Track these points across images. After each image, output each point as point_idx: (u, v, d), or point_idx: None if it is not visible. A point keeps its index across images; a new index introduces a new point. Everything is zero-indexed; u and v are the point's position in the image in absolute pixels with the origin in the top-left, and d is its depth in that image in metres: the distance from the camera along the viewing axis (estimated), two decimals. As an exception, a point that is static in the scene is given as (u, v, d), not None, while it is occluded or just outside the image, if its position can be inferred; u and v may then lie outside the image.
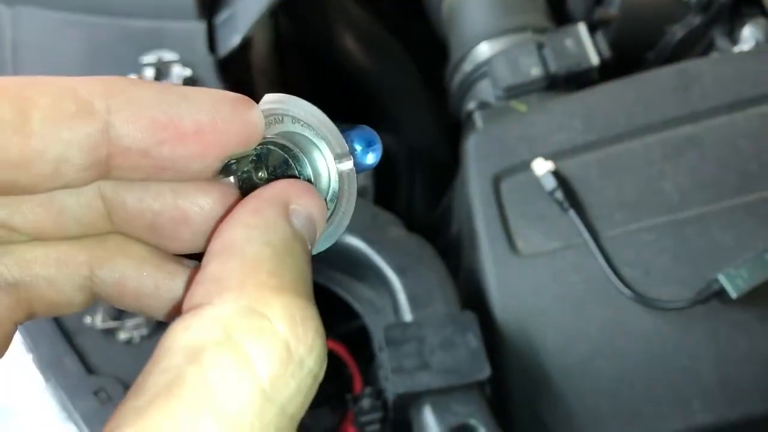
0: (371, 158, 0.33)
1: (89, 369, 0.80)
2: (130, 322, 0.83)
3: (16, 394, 0.80)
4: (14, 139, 0.24)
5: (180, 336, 0.24)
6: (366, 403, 0.82)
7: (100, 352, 0.82)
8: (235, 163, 0.30)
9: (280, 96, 0.32)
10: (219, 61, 0.99)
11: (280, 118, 0.32)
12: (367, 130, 0.34)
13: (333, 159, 0.33)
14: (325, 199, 0.33)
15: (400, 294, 0.85)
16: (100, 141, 0.25)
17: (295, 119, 0.32)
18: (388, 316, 0.90)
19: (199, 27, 1.00)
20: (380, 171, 1.20)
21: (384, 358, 0.78)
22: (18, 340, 0.82)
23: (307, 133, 0.32)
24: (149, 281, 0.31)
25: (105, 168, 0.26)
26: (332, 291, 0.98)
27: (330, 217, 0.33)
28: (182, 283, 0.31)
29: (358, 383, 0.94)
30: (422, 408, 0.76)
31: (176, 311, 0.31)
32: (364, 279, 0.94)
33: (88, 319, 0.83)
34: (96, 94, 0.25)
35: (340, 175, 0.33)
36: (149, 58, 0.96)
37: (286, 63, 1.31)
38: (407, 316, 0.84)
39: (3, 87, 0.24)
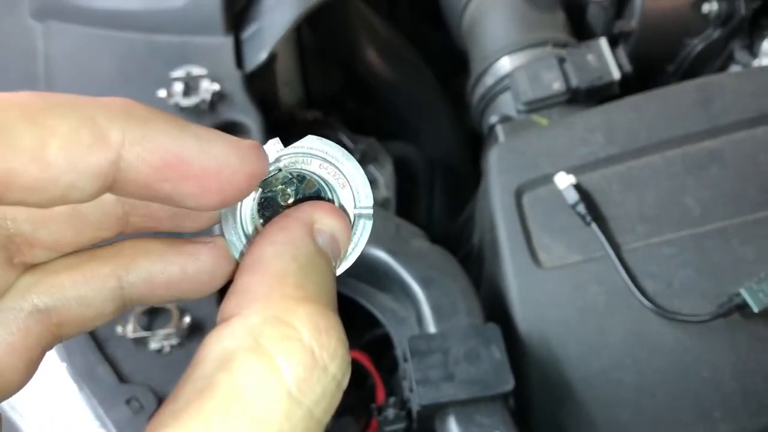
0: None
1: (121, 378, 0.82)
2: (160, 332, 0.85)
3: (51, 402, 0.81)
4: (31, 167, 0.24)
5: (212, 346, 0.26)
6: (390, 413, 0.83)
7: (131, 361, 0.84)
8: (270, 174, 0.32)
9: (321, 142, 0.34)
10: (246, 75, 1.00)
11: (309, 161, 0.34)
12: None
13: (354, 206, 0.35)
14: None
15: (424, 305, 0.87)
16: (109, 171, 0.26)
17: (328, 162, 0.34)
18: (412, 326, 0.92)
19: (227, 42, 1.02)
20: (401, 180, 1.21)
21: (408, 369, 0.79)
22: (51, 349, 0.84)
23: (337, 178, 0.34)
24: (175, 268, 0.32)
25: (108, 189, 0.27)
26: (355, 301, 1.00)
27: None
28: (207, 258, 0.33)
29: (381, 392, 0.95)
30: (447, 419, 0.78)
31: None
32: (387, 290, 0.96)
33: (119, 329, 0.85)
34: (114, 124, 0.26)
35: (356, 222, 0.35)
36: (178, 72, 0.98)
37: (309, 73, 1.33)
38: (431, 327, 0.85)
39: (26, 109, 0.25)
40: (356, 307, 1.00)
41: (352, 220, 0.35)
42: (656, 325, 0.83)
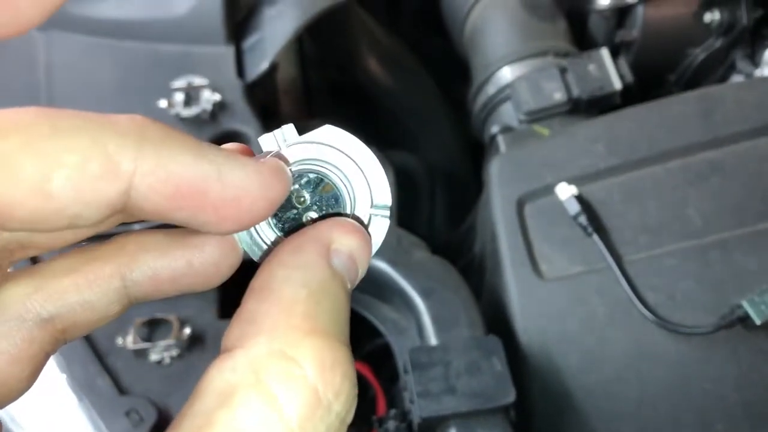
0: None
1: (121, 389, 0.82)
2: (161, 343, 0.84)
3: (51, 414, 0.81)
4: (33, 199, 0.23)
5: (213, 379, 0.25)
6: (391, 425, 0.83)
7: (131, 372, 0.84)
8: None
9: (338, 132, 0.32)
10: (247, 85, 1.00)
11: (325, 151, 0.32)
12: None
13: (370, 205, 0.33)
14: None
15: (425, 317, 0.87)
16: (119, 201, 0.25)
17: (345, 155, 0.33)
18: (412, 337, 0.91)
19: (228, 52, 1.02)
20: (401, 189, 1.21)
21: (409, 381, 0.79)
22: (51, 360, 0.83)
23: (353, 172, 0.33)
24: (180, 262, 0.31)
25: (117, 214, 0.26)
26: (356, 311, 0.99)
27: None
28: (213, 249, 0.31)
29: (381, 403, 0.95)
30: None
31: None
32: (388, 300, 0.96)
33: (119, 340, 0.85)
34: (126, 153, 0.24)
35: (371, 221, 0.33)
36: (179, 82, 0.98)
37: (310, 82, 1.33)
38: (432, 339, 0.85)
39: (30, 135, 0.23)
40: (357, 317, 0.99)
41: (367, 218, 0.33)
42: (658, 337, 0.83)
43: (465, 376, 0.78)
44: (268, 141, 0.32)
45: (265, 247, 0.33)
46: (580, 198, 0.89)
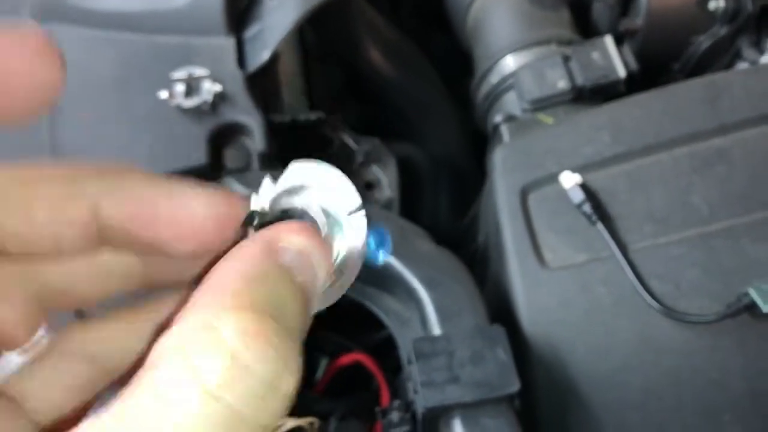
0: (380, 257, 0.35)
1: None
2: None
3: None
4: (21, 226, 0.28)
5: (150, 354, 0.27)
6: (395, 416, 0.82)
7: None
8: (258, 215, 0.33)
9: (305, 167, 0.34)
10: (248, 76, 1.00)
11: (299, 190, 0.34)
12: (380, 230, 0.35)
13: (346, 213, 0.34)
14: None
15: (429, 307, 0.86)
16: (90, 219, 0.29)
17: (316, 187, 0.34)
18: (416, 328, 0.91)
19: (229, 42, 1.02)
20: (404, 181, 1.21)
21: (413, 371, 0.79)
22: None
23: (327, 200, 0.34)
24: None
25: (98, 239, 0.30)
26: (359, 302, 0.99)
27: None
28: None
29: (385, 395, 0.95)
30: (452, 421, 0.77)
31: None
32: (391, 291, 0.95)
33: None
34: (89, 179, 0.29)
35: (350, 223, 0.34)
36: (180, 74, 0.97)
37: (311, 74, 1.32)
38: (436, 329, 0.84)
39: (12, 172, 0.28)
40: (360, 309, 0.99)
41: (346, 223, 0.34)
42: (664, 326, 0.82)
43: (469, 366, 0.77)
44: (253, 202, 0.34)
45: None
46: (584, 186, 0.88)
